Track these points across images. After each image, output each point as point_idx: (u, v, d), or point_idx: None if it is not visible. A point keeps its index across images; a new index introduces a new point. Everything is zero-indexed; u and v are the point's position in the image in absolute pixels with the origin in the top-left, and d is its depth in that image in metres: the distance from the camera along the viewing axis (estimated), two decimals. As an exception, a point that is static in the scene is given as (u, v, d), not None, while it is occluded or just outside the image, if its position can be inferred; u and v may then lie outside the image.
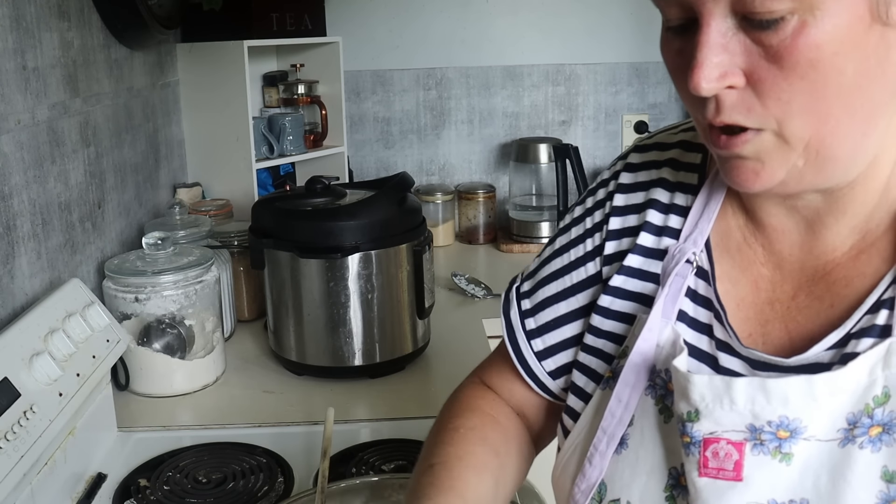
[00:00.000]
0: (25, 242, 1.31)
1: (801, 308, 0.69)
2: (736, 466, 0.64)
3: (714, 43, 0.59)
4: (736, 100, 0.60)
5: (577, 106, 2.69)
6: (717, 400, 0.64)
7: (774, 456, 0.63)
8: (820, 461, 0.62)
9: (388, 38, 2.59)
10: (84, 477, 1.22)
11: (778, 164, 0.62)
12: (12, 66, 1.29)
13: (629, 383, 0.73)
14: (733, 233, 0.73)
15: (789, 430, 0.62)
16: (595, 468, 0.74)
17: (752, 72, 0.59)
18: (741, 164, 0.63)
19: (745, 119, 0.60)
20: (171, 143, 2.11)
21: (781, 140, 0.61)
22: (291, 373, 1.59)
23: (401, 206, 1.56)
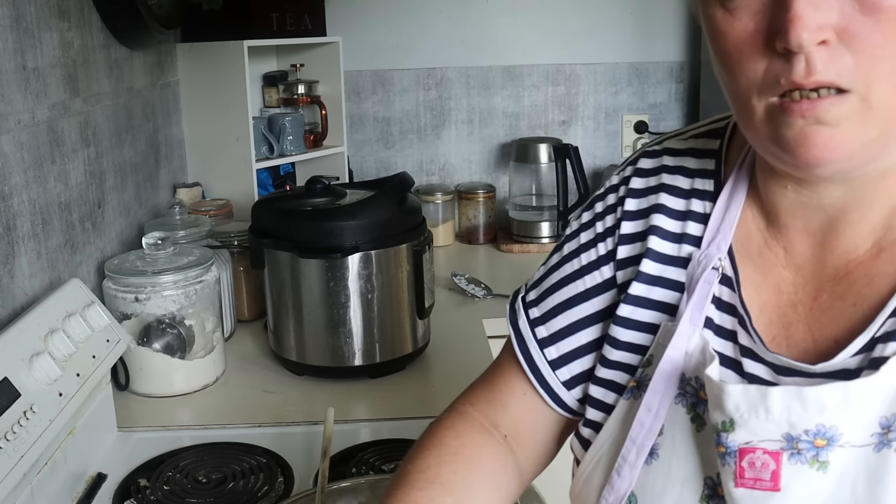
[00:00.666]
0: (25, 242, 1.31)
1: (823, 309, 0.68)
2: (773, 476, 0.63)
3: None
4: (828, 57, 0.57)
5: (577, 106, 2.69)
6: (752, 409, 0.63)
7: (812, 465, 0.62)
8: (857, 468, 0.62)
9: (388, 38, 2.59)
10: (84, 477, 1.22)
11: (855, 133, 0.59)
12: (12, 66, 1.29)
13: (658, 392, 0.72)
14: (754, 237, 0.73)
15: (826, 438, 0.62)
16: (624, 480, 0.73)
17: (844, 27, 0.56)
18: (817, 132, 0.59)
19: (837, 77, 0.57)
20: (171, 143, 2.11)
21: (866, 105, 0.58)
22: (291, 373, 1.59)
23: (401, 206, 1.56)
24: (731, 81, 0.63)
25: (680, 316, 0.72)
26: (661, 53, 2.65)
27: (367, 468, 1.22)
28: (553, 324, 0.83)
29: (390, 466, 1.22)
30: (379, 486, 1.02)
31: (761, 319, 0.71)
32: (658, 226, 0.76)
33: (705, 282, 0.72)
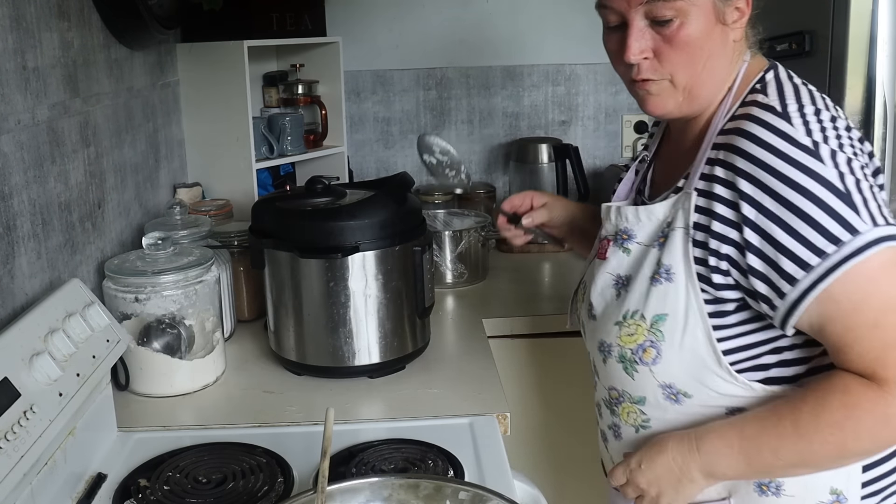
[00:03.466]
0: (25, 242, 1.31)
1: (667, 178, 1.21)
2: (605, 253, 1.21)
3: (636, 35, 1.09)
4: (648, 65, 1.11)
5: (577, 106, 2.69)
6: (606, 217, 1.22)
7: (621, 249, 1.18)
8: (639, 255, 1.16)
9: (388, 38, 2.59)
10: (84, 477, 1.22)
11: (668, 98, 1.13)
12: (12, 66, 1.29)
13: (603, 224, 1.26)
14: (665, 142, 1.30)
15: (628, 235, 1.18)
16: (582, 271, 1.34)
17: (656, 49, 1.10)
18: (650, 98, 1.14)
19: (653, 74, 1.12)
20: (171, 143, 2.11)
21: (672, 85, 1.12)
22: (291, 373, 1.59)
23: (401, 206, 1.56)
24: (614, 68, 1.18)
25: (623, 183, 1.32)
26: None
27: (367, 468, 1.22)
28: None
29: (390, 466, 1.22)
30: (379, 487, 1.02)
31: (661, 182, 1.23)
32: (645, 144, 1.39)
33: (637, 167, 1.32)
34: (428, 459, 1.24)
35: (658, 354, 1.11)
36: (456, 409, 1.42)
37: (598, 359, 1.22)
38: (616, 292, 1.17)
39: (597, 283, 1.20)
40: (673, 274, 1.09)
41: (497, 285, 2.14)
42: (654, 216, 1.14)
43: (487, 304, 2.00)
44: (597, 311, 1.20)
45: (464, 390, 1.49)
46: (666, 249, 1.11)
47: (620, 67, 1.15)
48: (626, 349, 1.14)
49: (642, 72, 1.11)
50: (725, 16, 1.08)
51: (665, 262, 1.10)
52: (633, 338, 1.13)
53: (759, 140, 1.02)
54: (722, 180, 1.05)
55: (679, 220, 1.09)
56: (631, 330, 1.13)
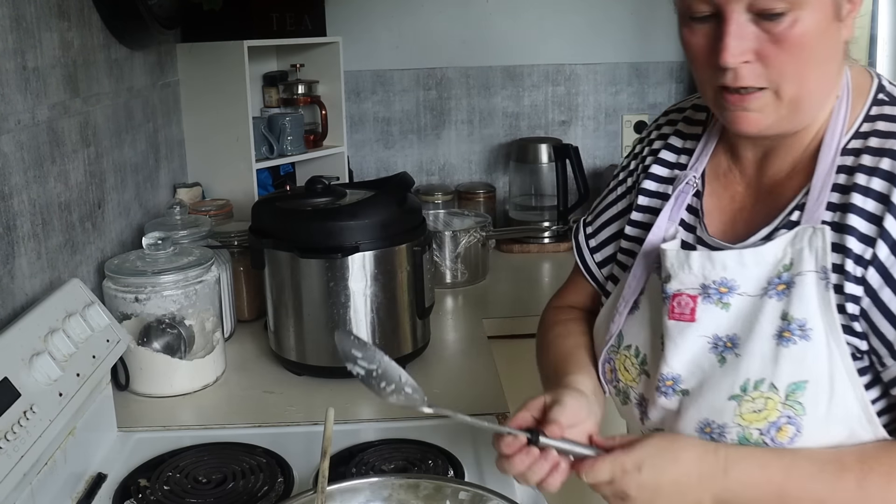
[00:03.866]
0: (25, 242, 1.31)
1: (757, 213, 0.99)
2: (692, 312, 0.96)
3: (735, 32, 0.87)
4: (749, 70, 0.89)
5: (577, 106, 2.69)
6: (680, 266, 0.97)
7: (717, 304, 0.95)
8: (747, 309, 0.93)
9: (388, 38, 2.59)
10: (84, 477, 1.22)
11: (770, 114, 0.91)
12: (12, 66, 1.29)
13: (641, 264, 1.05)
14: (722, 163, 1.05)
15: (728, 287, 0.95)
16: (615, 325, 1.06)
17: (760, 50, 0.88)
18: (744, 116, 0.92)
19: (755, 82, 0.89)
20: (171, 143, 2.11)
21: (776, 97, 0.90)
22: (291, 373, 1.59)
23: (401, 206, 1.56)
24: (693, 70, 0.96)
25: (662, 213, 1.04)
26: (661, 53, 2.65)
27: (367, 468, 1.22)
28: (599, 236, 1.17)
29: (390, 466, 1.22)
30: (379, 487, 1.02)
31: (719, 219, 1.02)
32: (662, 157, 1.10)
33: (682, 192, 1.05)
34: (428, 459, 1.24)
35: (798, 432, 0.90)
36: (456, 409, 1.42)
37: None
38: (719, 358, 0.94)
39: (681, 350, 0.96)
40: (809, 330, 0.89)
41: (497, 285, 2.14)
42: (763, 259, 0.92)
43: (487, 304, 2.00)
44: (689, 384, 0.96)
45: (464, 390, 1.49)
46: (793, 300, 0.90)
47: (705, 72, 0.92)
48: (752, 429, 0.91)
49: (741, 78, 0.89)
50: (841, 10, 0.88)
51: (796, 316, 0.90)
52: (763, 414, 0.91)
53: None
54: (863, 211, 0.88)
55: (806, 261, 0.90)
56: (758, 405, 0.91)
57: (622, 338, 1.05)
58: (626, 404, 1.06)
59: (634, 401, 1.04)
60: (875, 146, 0.90)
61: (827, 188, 0.91)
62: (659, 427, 1.00)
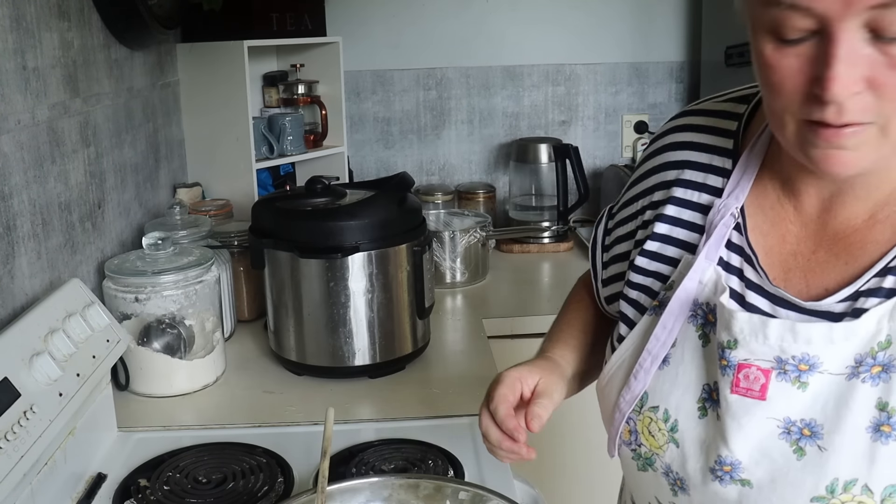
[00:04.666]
0: (25, 242, 1.31)
1: (819, 262, 0.82)
2: (762, 388, 0.80)
3: (847, 57, 0.67)
4: (856, 102, 0.68)
5: (577, 106, 2.69)
6: (753, 334, 0.79)
7: (794, 384, 0.78)
8: (830, 390, 0.77)
9: (388, 38, 2.59)
10: (84, 477, 1.22)
11: (871, 153, 0.72)
12: (12, 66, 1.29)
13: (674, 312, 0.87)
14: (769, 193, 0.86)
15: (809, 365, 0.78)
16: (640, 382, 0.89)
17: (874, 78, 0.68)
18: (839, 154, 0.71)
19: (861, 117, 0.69)
20: (171, 143, 2.11)
21: (882, 133, 0.70)
22: (291, 373, 1.59)
23: (401, 206, 1.56)
24: (769, 98, 0.74)
25: (698, 252, 0.86)
26: (660, 53, 2.65)
27: (367, 468, 1.22)
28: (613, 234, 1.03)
29: (390, 466, 1.22)
30: (379, 487, 1.02)
31: (766, 261, 0.85)
32: (686, 178, 0.91)
33: (723, 225, 0.86)
34: (428, 459, 1.24)
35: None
36: (456, 409, 1.42)
37: None
38: (795, 449, 0.79)
39: (745, 432, 0.81)
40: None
41: (497, 285, 2.14)
42: (855, 335, 0.76)
43: (487, 304, 2.00)
44: (755, 475, 0.81)
45: (464, 390, 1.49)
46: (893, 386, 0.75)
47: (792, 102, 0.72)
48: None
49: (846, 113, 0.69)
50: None
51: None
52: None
53: None
54: None
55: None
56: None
57: (646, 398, 0.90)
58: (647, 471, 0.92)
59: (660, 470, 0.89)
60: None
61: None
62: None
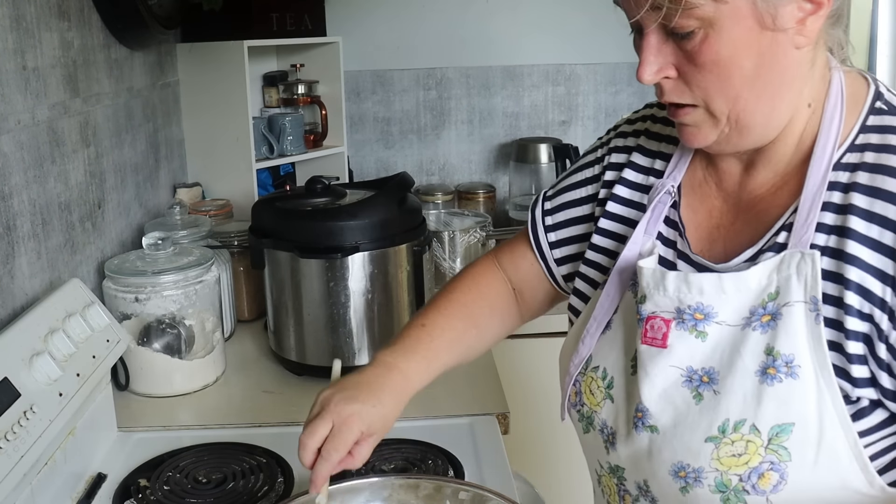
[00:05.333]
0: (25, 242, 1.31)
1: (737, 231, 0.91)
2: (664, 337, 0.88)
3: (652, 47, 0.83)
4: (672, 86, 0.84)
5: (577, 106, 2.69)
6: (656, 287, 0.88)
7: (692, 332, 0.87)
8: (727, 340, 0.85)
9: (388, 38, 2.59)
10: (84, 477, 1.22)
11: (709, 130, 0.85)
12: (12, 66, 1.29)
13: (615, 283, 0.96)
14: (698, 174, 0.96)
15: (704, 314, 0.86)
16: (586, 346, 0.97)
17: (679, 67, 0.83)
18: (685, 128, 0.87)
19: (680, 99, 0.84)
20: (171, 143, 2.11)
21: (710, 114, 0.84)
22: (291, 373, 1.59)
23: (401, 206, 1.56)
24: None
25: (639, 226, 0.95)
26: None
27: (366, 468, 1.22)
28: (557, 216, 1.09)
29: (390, 466, 1.22)
30: (379, 487, 1.02)
31: (694, 235, 0.94)
32: (636, 162, 1.01)
33: (660, 202, 0.95)
34: (428, 459, 1.24)
35: (781, 479, 0.82)
36: (456, 409, 1.42)
37: (668, 487, 0.88)
38: (695, 395, 0.86)
39: (653, 381, 0.88)
40: (797, 367, 0.81)
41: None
42: (744, 285, 0.84)
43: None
44: (661, 420, 0.88)
45: (464, 390, 1.49)
46: (779, 333, 0.82)
47: None
48: (731, 475, 0.83)
49: (665, 94, 0.85)
50: (777, 18, 0.78)
51: (782, 351, 0.81)
52: (743, 459, 0.83)
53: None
54: (868, 239, 0.79)
55: (794, 290, 0.81)
56: (738, 448, 0.83)
57: (591, 359, 0.98)
58: (589, 432, 0.98)
59: (598, 428, 0.96)
60: (872, 162, 0.81)
61: (817, 207, 0.82)
62: (625, 467, 0.93)
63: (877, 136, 0.83)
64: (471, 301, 1.11)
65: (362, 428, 0.95)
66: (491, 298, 1.12)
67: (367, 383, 0.99)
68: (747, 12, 0.78)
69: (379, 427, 0.97)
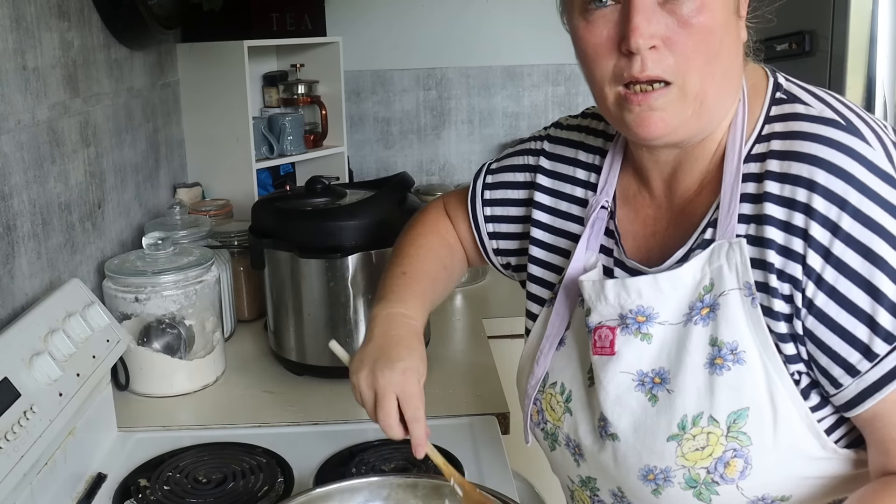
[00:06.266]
0: (25, 242, 1.31)
1: (670, 236, 0.93)
2: (611, 344, 0.90)
3: (643, 10, 0.80)
4: (656, 57, 0.81)
5: (577, 106, 2.69)
6: (597, 297, 0.91)
7: (636, 335, 0.88)
8: (672, 339, 0.87)
9: (388, 38, 2.59)
10: (84, 477, 1.23)
11: (675, 113, 0.83)
12: (12, 66, 1.29)
13: (563, 300, 0.98)
14: (630, 185, 0.98)
15: (645, 316, 0.88)
16: (541, 366, 0.99)
17: (668, 36, 0.81)
18: (650, 115, 0.83)
19: (662, 72, 0.81)
20: (171, 143, 2.11)
21: (682, 93, 0.82)
22: (291, 373, 1.59)
23: (401, 206, 1.56)
24: (589, 75, 0.89)
25: (580, 243, 0.97)
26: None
27: (367, 468, 1.22)
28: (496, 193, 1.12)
29: (390, 466, 1.23)
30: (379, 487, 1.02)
31: (632, 245, 0.96)
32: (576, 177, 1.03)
33: (598, 217, 0.97)
34: (428, 459, 1.24)
35: (747, 464, 0.83)
36: (456, 409, 1.42)
37: (640, 492, 0.90)
38: (650, 397, 0.88)
39: (607, 389, 0.90)
40: (742, 353, 0.83)
41: (497, 285, 2.14)
42: (680, 283, 0.86)
43: (487, 304, 2.00)
44: (619, 428, 0.89)
45: (464, 390, 1.49)
46: (720, 322, 0.84)
47: (606, 68, 0.85)
48: (699, 469, 0.85)
49: (647, 67, 0.81)
50: (740, 7, 0.84)
51: (726, 340, 0.83)
52: (706, 451, 0.84)
53: (834, 168, 0.79)
54: (780, 222, 0.81)
55: (727, 279, 0.84)
56: (699, 442, 0.84)
57: (547, 377, 0.99)
58: (555, 449, 0.99)
59: (563, 443, 0.97)
60: (779, 149, 0.83)
61: (736, 199, 0.84)
62: (595, 477, 0.95)
63: (780, 124, 0.86)
64: (437, 245, 1.16)
65: (417, 377, 0.98)
66: (450, 244, 1.18)
67: (388, 341, 1.01)
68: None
69: (424, 368, 1.00)
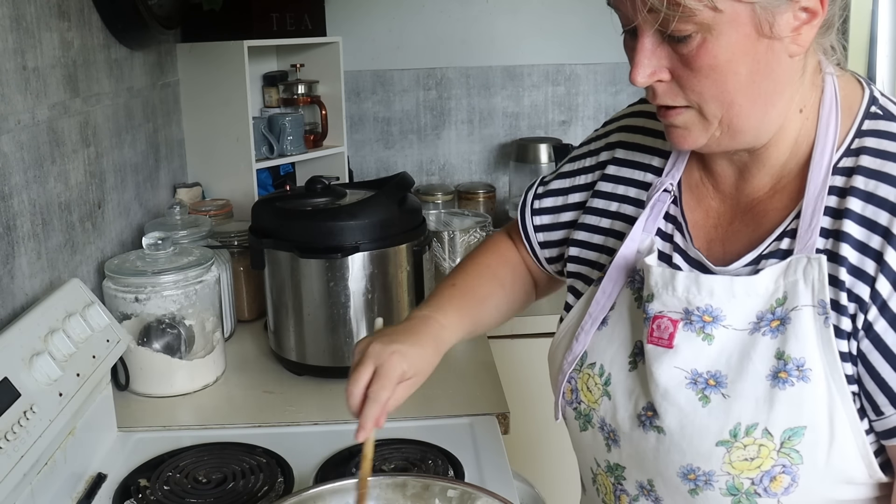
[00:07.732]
0: (25, 242, 1.31)
1: (735, 232, 0.92)
2: (670, 337, 0.88)
3: (646, 50, 0.82)
4: (665, 89, 0.84)
5: (577, 106, 2.69)
6: (664, 286, 0.88)
7: (699, 334, 0.87)
8: (734, 345, 0.86)
9: (388, 38, 2.59)
10: (84, 477, 1.22)
11: (700, 133, 0.85)
12: (12, 66, 1.29)
13: (612, 279, 0.97)
14: (694, 174, 0.97)
15: (712, 316, 0.86)
16: (580, 343, 0.98)
17: (673, 71, 0.83)
18: (675, 130, 0.87)
19: (673, 101, 0.84)
20: (171, 143, 2.11)
21: (702, 116, 0.84)
22: (291, 373, 1.59)
23: (401, 206, 1.56)
24: None
25: (637, 224, 0.96)
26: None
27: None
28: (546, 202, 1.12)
29: (390, 466, 1.23)
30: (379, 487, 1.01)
31: (693, 234, 0.94)
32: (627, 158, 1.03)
33: (659, 200, 0.97)
34: (428, 459, 1.24)
35: (793, 482, 0.83)
36: (456, 409, 1.42)
37: (676, 488, 0.89)
38: (701, 397, 0.86)
39: (657, 381, 0.88)
40: (808, 371, 0.81)
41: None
42: (754, 290, 0.85)
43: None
44: (666, 421, 0.88)
45: (464, 390, 1.49)
46: (789, 337, 0.83)
47: None
48: (743, 478, 0.84)
49: (658, 96, 0.85)
50: (774, 26, 0.79)
51: (794, 355, 0.82)
52: (755, 463, 0.83)
53: None
54: (856, 241, 0.81)
55: (802, 295, 0.82)
56: (749, 452, 0.83)
57: (586, 356, 0.98)
58: (587, 430, 0.98)
59: (597, 425, 0.96)
60: (868, 166, 0.82)
61: (819, 212, 0.83)
62: (625, 465, 0.94)
63: (873, 140, 0.84)
64: (495, 264, 1.16)
65: (404, 366, 0.95)
66: (513, 263, 1.17)
67: (405, 329, 1.01)
68: (746, 19, 0.78)
69: (420, 367, 0.98)
